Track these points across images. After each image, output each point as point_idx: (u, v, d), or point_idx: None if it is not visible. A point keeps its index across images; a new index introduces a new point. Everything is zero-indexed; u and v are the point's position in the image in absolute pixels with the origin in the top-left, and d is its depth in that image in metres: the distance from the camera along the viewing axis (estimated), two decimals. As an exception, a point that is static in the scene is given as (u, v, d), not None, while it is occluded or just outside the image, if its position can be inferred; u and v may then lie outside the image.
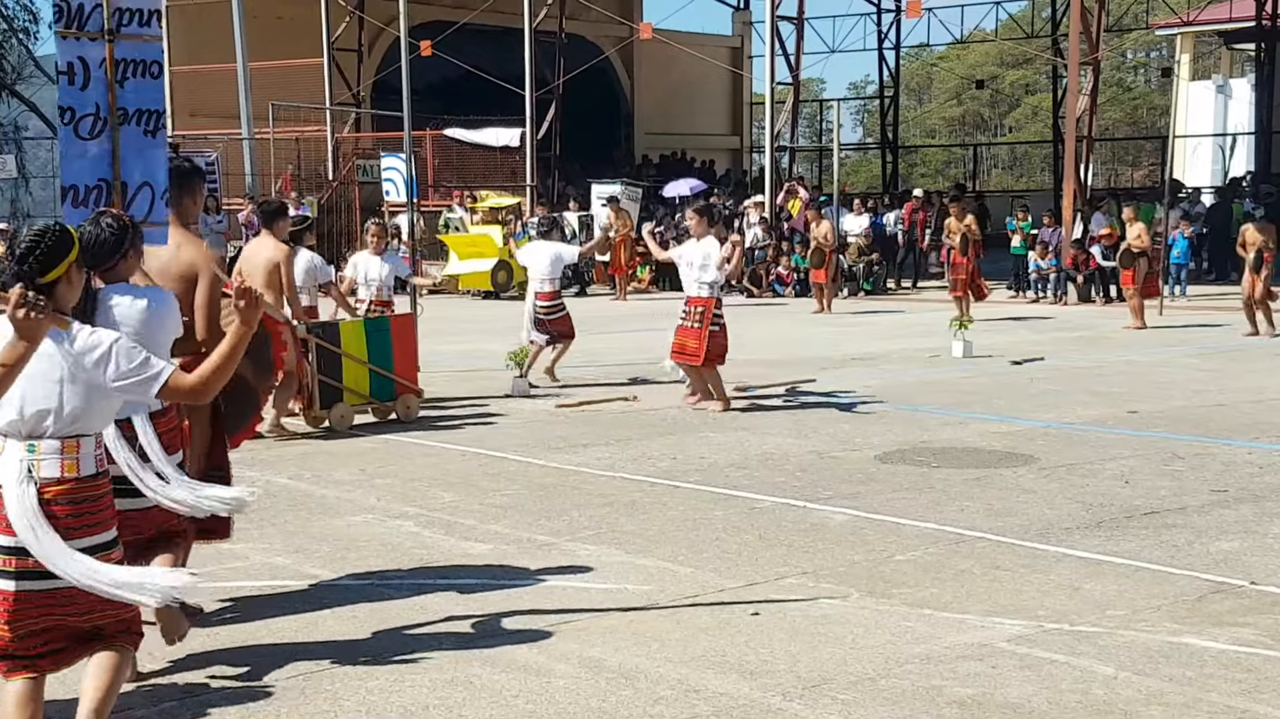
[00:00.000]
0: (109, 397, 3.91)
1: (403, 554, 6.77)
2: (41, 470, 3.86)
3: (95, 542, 3.94)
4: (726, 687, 4.93)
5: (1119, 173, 52.31)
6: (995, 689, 4.88)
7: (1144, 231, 17.90)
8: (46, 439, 3.86)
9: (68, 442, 3.88)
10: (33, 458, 3.86)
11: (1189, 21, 34.84)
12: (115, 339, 3.87)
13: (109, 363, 3.82)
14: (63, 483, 3.87)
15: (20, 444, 3.87)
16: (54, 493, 3.86)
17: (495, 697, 4.85)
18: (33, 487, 3.84)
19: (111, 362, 3.82)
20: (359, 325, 10.70)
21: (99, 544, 3.96)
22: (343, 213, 26.51)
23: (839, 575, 6.32)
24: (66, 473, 3.88)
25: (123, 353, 3.83)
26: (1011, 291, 22.95)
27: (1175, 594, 6.00)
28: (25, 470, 3.84)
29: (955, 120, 65.29)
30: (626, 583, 6.22)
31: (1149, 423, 10.38)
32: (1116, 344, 15.76)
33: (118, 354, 3.82)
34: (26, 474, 3.84)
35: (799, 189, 25.41)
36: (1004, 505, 7.69)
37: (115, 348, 3.83)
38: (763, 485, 8.24)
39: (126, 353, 3.84)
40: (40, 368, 3.79)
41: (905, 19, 36.48)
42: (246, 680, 5.03)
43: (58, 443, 3.87)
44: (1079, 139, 23.37)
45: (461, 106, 28.37)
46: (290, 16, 29.76)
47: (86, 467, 3.93)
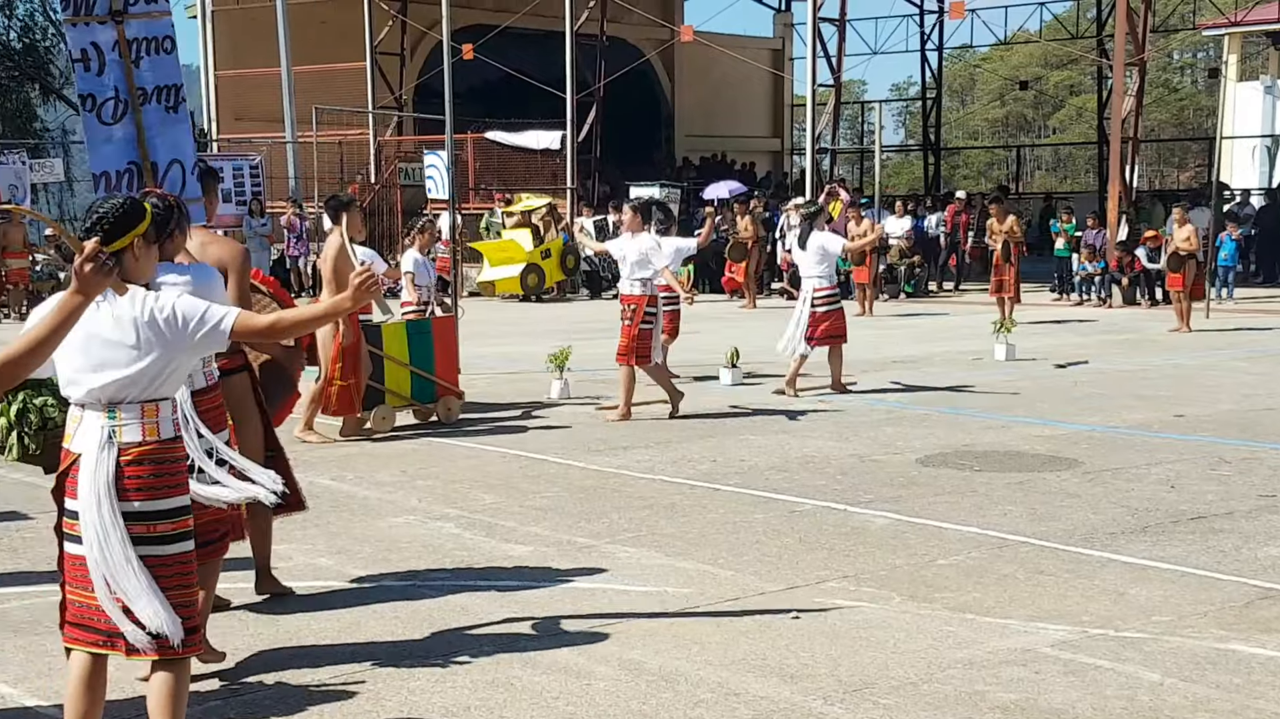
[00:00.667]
0: (186, 353, 4.00)
1: (444, 555, 6.79)
2: (123, 435, 3.93)
3: (175, 504, 4.00)
4: (767, 690, 4.92)
5: (1164, 174, 51.81)
6: (1039, 695, 4.84)
7: (1193, 234, 17.72)
8: (127, 404, 3.94)
9: (147, 406, 3.96)
10: (114, 423, 3.93)
11: (1236, 22, 34.45)
12: (178, 296, 4.01)
13: (180, 318, 3.93)
14: (144, 445, 3.94)
15: (100, 413, 3.94)
16: (136, 453, 3.93)
17: (536, 698, 4.85)
18: (114, 451, 3.90)
19: (181, 316, 3.93)
20: (401, 328, 10.74)
21: (177, 507, 4.01)
22: (385, 215, 26.64)
23: (880, 579, 6.29)
24: (148, 436, 3.96)
25: (188, 306, 3.96)
26: (1055, 294, 22.77)
27: (1222, 600, 5.93)
28: (106, 436, 3.91)
29: (998, 122, 64.89)
30: (666, 585, 6.21)
31: (1195, 427, 10.27)
32: (1162, 347, 15.60)
33: (185, 310, 3.95)
34: (108, 439, 3.91)
35: (840, 191, 25.31)
36: (1047, 510, 7.62)
37: (178, 304, 3.96)
38: (803, 488, 8.21)
39: (191, 305, 3.97)
40: (117, 335, 3.89)
41: (948, 20, 36.29)
42: (289, 680, 5.06)
43: (138, 407, 3.95)
44: (1124, 140, 23.17)
45: (503, 109, 28.46)
46: (334, 21, 29.94)
47: (166, 430, 4.01)
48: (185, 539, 4.04)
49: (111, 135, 5.77)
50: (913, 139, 54.87)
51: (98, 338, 3.89)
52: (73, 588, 4.00)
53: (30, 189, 24.62)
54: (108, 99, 5.74)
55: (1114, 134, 23.71)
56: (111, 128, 5.77)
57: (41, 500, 7.77)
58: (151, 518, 3.95)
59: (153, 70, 5.79)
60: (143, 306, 3.91)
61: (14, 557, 6.79)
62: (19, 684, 5.00)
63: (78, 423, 3.98)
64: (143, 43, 5.75)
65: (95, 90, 5.72)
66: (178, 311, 3.93)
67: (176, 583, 3.98)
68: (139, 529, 3.92)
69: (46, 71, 38.66)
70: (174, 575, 3.98)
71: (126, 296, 3.90)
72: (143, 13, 5.77)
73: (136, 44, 5.72)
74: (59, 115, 40.06)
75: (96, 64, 5.71)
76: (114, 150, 5.77)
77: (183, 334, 3.93)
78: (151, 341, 3.90)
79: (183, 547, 4.02)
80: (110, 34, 5.72)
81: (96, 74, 5.71)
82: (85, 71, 5.73)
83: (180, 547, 4.01)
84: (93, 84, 5.72)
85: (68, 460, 4.00)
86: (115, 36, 5.72)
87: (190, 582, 4.04)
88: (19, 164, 23.51)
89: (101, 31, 5.71)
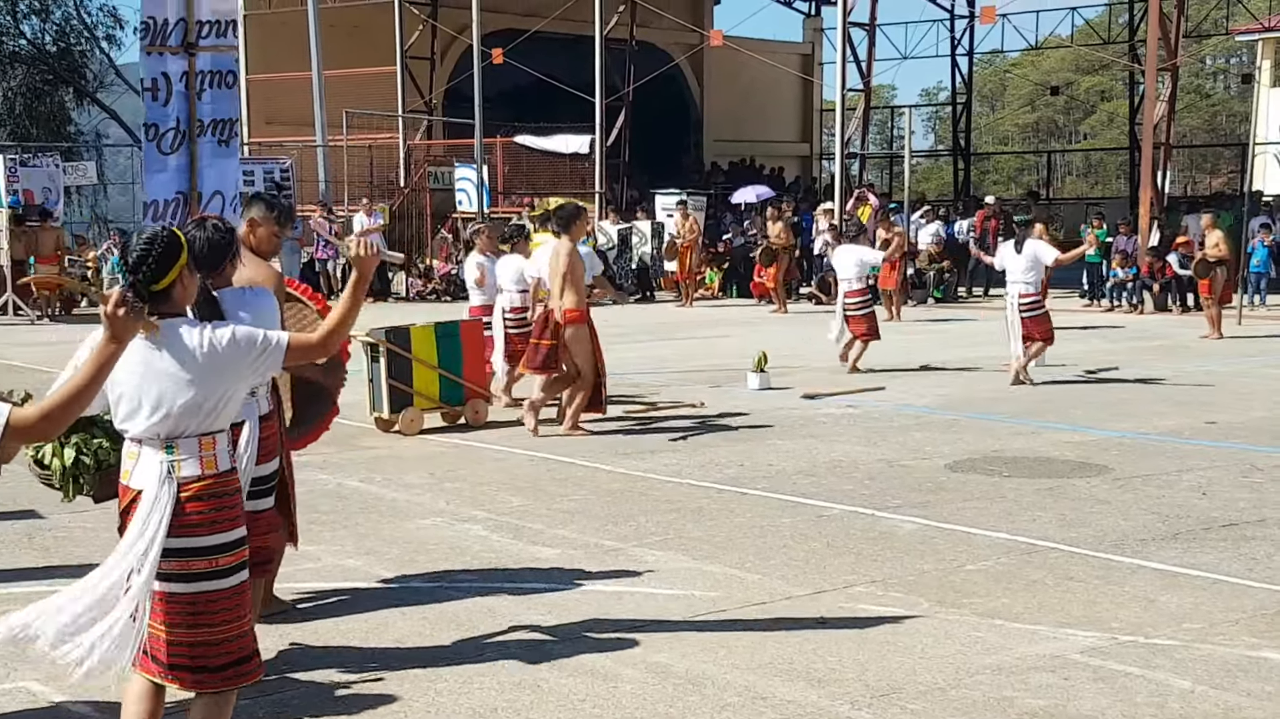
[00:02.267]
0: (244, 379, 4.03)
1: (471, 557, 6.81)
2: (182, 470, 3.94)
3: (230, 538, 4.01)
4: (794, 694, 4.90)
5: (1197, 180, 51.49)
6: (1068, 701, 4.82)
7: (1222, 240, 17.61)
8: (184, 439, 3.95)
9: (204, 439, 3.97)
10: (173, 459, 3.94)
11: (1270, 27, 34.20)
12: (235, 326, 4.03)
13: (239, 346, 3.95)
14: (203, 479, 3.96)
15: (158, 448, 3.95)
16: (194, 489, 3.94)
17: (562, 700, 4.85)
18: (174, 486, 3.92)
19: (242, 346, 3.96)
20: (429, 330, 10.77)
21: (233, 541, 4.02)
22: (414, 219, 26.74)
23: (908, 584, 6.26)
24: (206, 470, 3.97)
25: (244, 334, 3.99)
26: (1086, 300, 22.65)
27: (1254, 607, 5.89)
28: (166, 472, 3.92)
29: (1029, 127, 64.65)
30: (693, 589, 6.21)
31: (1227, 433, 10.19)
32: (1194, 354, 15.49)
33: (241, 337, 3.97)
34: (167, 474, 3.92)
35: (869, 196, 25.26)
36: (1077, 516, 7.58)
37: (237, 331, 3.98)
38: (831, 493, 8.20)
39: (247, 333, 4.00)
40: (173, 370, 3.89)
41: (979, 25, 36.15)
42: (317, 680, 5.08)
43: (195, 441, 3.96)
44: (1156, 146, 23.02)
45: (532, 114, 28.52)
46: (364, 25, 30.07)
47: (223, 462, 4.03)
48: (242, 569, 4.06)
49: (166, 165, 5.88)
50: (942, 144, 54.71)
51: (154, 371, 3.89)
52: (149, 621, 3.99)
53: (64, 191, 24.82)
54: (169, 129, 5.85)
55: (1146, 139, 23.56)
56: (168, 158, 5.88)
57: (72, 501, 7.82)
58: (215, 552, 3.96)
59: (213, 103, 5.90)
60: (200, 338, 3.92)
61: (45, 555, 6.85)
62: (50, 682, 5.04)
63: (135, 459, 3.99)
64: (208, 75, 5.86)
65: (159, 120, 5.83)
66: (237, 337, 3.95)
67: (234, 615, 4.00)
68: (202, 564, 3.94)
69: (80, 75, 38.95)
70: (232, 608, 3.99)
71: (183, 329, 3.91)
72: (212, 46, 5.87)
73: (202, 76, 5.83)
74: (92, 119, 40.35)
75: (164, 94, 5.81)
76: (166, 180, 5.88)
77: (242, 360, 3.96)
78: (211, 371, 3.91)
79: (240, 577, 4.04)
80: (181, 65, 5.82)
81: (163, 104, 5.82)
82: (153, 101, 5.83)
83: (238, 578, 4.03)
84: (158, 114, 5.82)
85: (127, 497, 4.01)
86: (185, 68, 5.82)
87: (243, 613, 4.05)
88: (52, 167, 23.70)
89: (173, 62, 5.82)
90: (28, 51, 37.98)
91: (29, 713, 4.82)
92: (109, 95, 39.67)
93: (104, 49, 39.73)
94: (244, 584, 4.06)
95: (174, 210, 5.87)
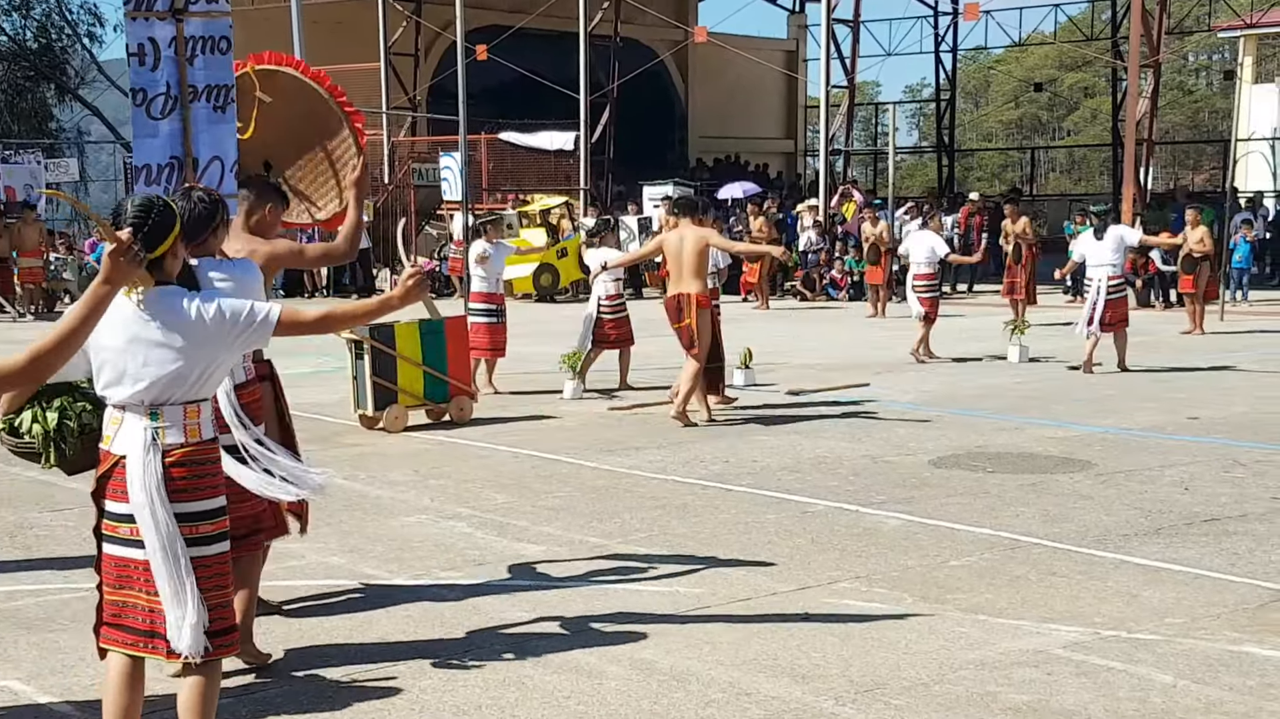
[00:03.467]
0: (230, 350, 4.02)
1: (456, 555, 6.80)
2: (166, 437, 3.94)
3: (211, 505, 4.01)
4: (778, 690, 4.91)
5: (1179, 176, 51.66)
6: (1051, 696, 4.83)
7: (1206, 236, 17.68)
8: (169, 406, 3.95)
9: (189, 407, 3.97)
10: (157, 425, 3.94)
11: (1252, 24, 34.33)
12: (222, 295, 4.06)
13: (226, 318, 3.94)
14: (185, 447, 3.96)
15: (142, 415, 3.94)
16: (177, 456, 3.94)
17: (547, 697, 4.85)
18: (159, 453, 3.92)
19: (228, 316, 3.94)
20: (413, 327, 10.76)
21: (218, 508, 4.04)
22: (398, 216, 26.68)
23: (892, 580, 6.28)
24: (190, 438, 3.97)
25: (232, 306, 3.97)
26: (1069, 296, 22.72)
27: (1235, 602, 5.91)
28: (150, 438, 3.92)
29: (1013, 123, 64.78)
30: (678, 586, 6.21)
31: (1209, 429, 10.24)
32: (1176, 349, 15.55)
33: (229, 309, 3.96)
34: (151, 442, 3.92)
35: (853, 192, 25.30)
36: (1060, 511, 7.61)
37: (223, 303, 3.97)
38: (815, 489, 8.21)
39: (235, 305, 3.99)
40: (160, 338, 3.89)
41: (962, 21, 36.23)
42: (300, 678, 5.07)
43: (180, 409, 3.96)
44: (1139, 142, 23.12)
45: (516, 110, 28.49)
46: (348, 21, 30.01)
47: (206, 431, 4.03)
48: (224, 539, 4.06)
49: (158, 130, 5.82)
50: (927, 141, 54.80)
51: (141, 340, 3.89)
52: (111, 589, 4.02)
53: (45, 189, 24.72)
54: (158, 94, 5.79)
55: (1128, 136, 23.65)
56: (158, 123, 5.82)
57: (53, 499, 7.81)
58: (196, 519, 3.97)
59: (206, 69, 5.85)
60: (188, 308, 3.92)
61: (27, 553, 6.82)
62: (32, 681, 5.02)
63: (118, 425, 3.98)
64: (200, 41, 5.81)
65: (147, 85, 5.77)
66: (224, 308, 3.94)
67: (215, 583, 4.00)
68: (185, 530, 3.94)
69: (62, 71, 38.78)
70: (214, 576, 4.00)
71: (171, 298, 3.91)
72: (203, 11, 5.83)
73: (193, 42, 5.78)
74: (74, 115, 40.21)
75: (152, 59, 5.76)
76: (158, 145, 5.82)
77: (229, 331, 3.95)
78: (197, 340, 3.91)
79: (222, 547, 4.04)
80: (169, 30, 5.77)
81: (150, 69, 5.77)
82: (140, 66, 5.77)
83: (220, 547, 4.03)
84: (145, 79, 5.77)
85: (108, 463, 4.00)
86: (174, 33, 5.77)
87: (226, 582, 4.06)
88: (34, 163, 23.62)
89: (160, 27, 5.76)
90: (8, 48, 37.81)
91: (10, 711, 4.79)
92: (91, 92, 39.52)
93: (86, 45, 39.57)
94: (225, 554, 4.06)
95: (169, 175, 5.82)
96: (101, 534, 4.03)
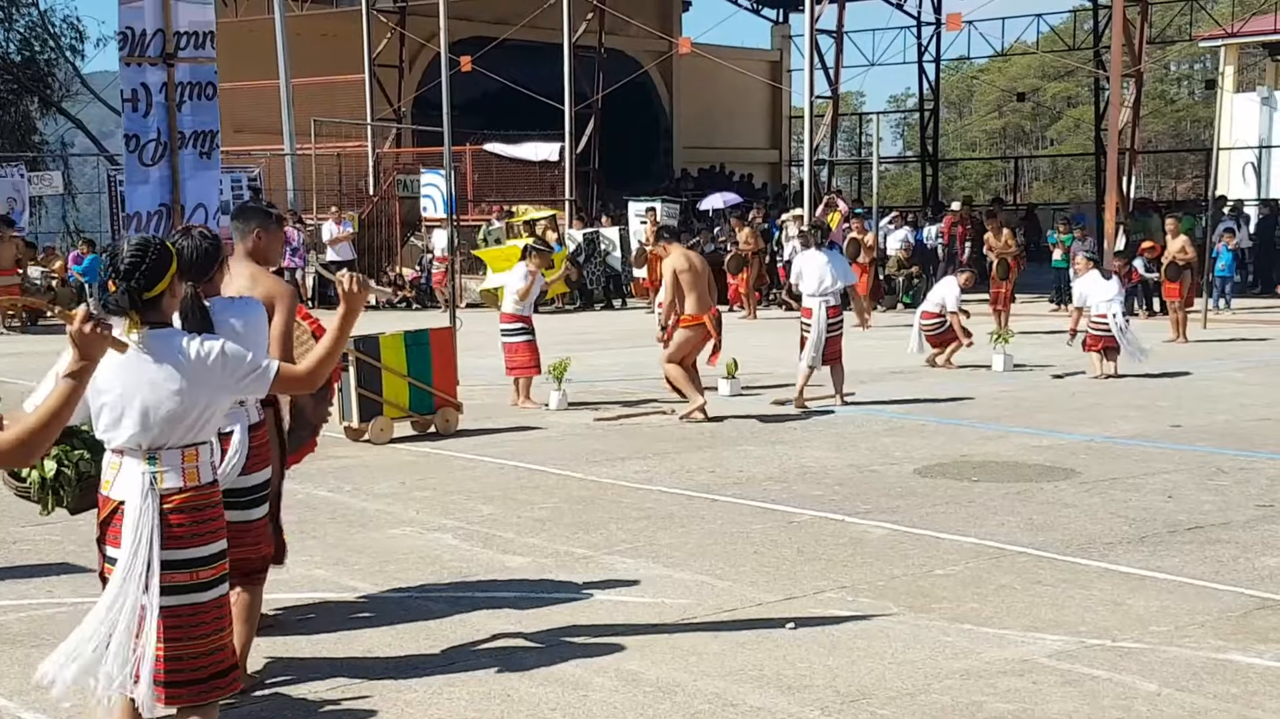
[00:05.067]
0: (227, 396, 4.00)
1: (441, 567, 6.79)
2: (164, 482, 3.91)
3: (210, 550, 3.98)
4: (764, 701, 4.91)
5: (1162, 185, 51.90)
6: (1036, 705, 4.84)
7: (1188, 243, 17.77)
8: (168, 450, 3.92)
9: (187, 451, 3.95)
10: (155, 470, 3.91)
11: (1233, 33, 34.51)
12: (224, 342, 3.99)
13: (226, 363, 3.92)
14: (184, 491, 3.93)
15: (140, 459, 3.92)
16: (176, 502, 3.92)
17: (533, 709, 4.85)
18: (156, 498, 3.89)
19: (230, 362, 3.93)
20: (399, 338, 10.75)
21: (218, 552, 4.00)
22: (383, 227, 26.66)
23: (878, 590, 6.29)
24: (188, 482, 3.94)
25: (234, 353, 3.95)
26: (1054, 305, 22.78)
27: (1220, 610, 5.93)
28: (148, 483, 3.90)
29: (996, 133, 64.98)
30: (664, 596, 6.21)
31: (1193, 437, 10.28)
32: (1159, 358, 15.60)
33: (231, 355, 3.94)
34: (150, 487, 3.89)
35: (838, 202, 25.34)
36: (1045, 520, 7.62)
37: (226, 348, 3.95)
38: (801, 499, 8.22)
39: (236, 352, 3.96)
40: (158, 381, 3.86)
41: (945, 32, 36.35)
42: (284, 692, 5.06)
43: (178, 453, 3.93)
44: (1121, 151, 23.20)
45: (501, 121, 28.48)
46: (333, 33, 29.99)
47: (205, 474, 4.00)
48: (224, 583, 4.04)
49: (148, 177, 5.87)
50: (911, 150, 54.96)
51: (139, 383, 3.86)
52: None
53: (29, 202, 24.64)
54: (150, 140, 5.84)
55: (1111, 145, 23.73)
56: (150, 169, 5.87)
57: (37, 513, 7.76)
58: (196, 565, 3.94)
59: (193, 115, 5.91)
60: (187, 349, 3.89)
61: (11, 570, 6.78)
62: (15, 697, 5.00)
63: (116, 469, 3.96)
64: (188, 87, 5.86)
65: (140, 131, 5.82)
66: (226, 354, 3.92)
67: (214, 628, 3.98)
68: (183, 577, 3.91)
69: (45, 84, 38.68)
70: (212, 620, 3.98)
71: (170, 339, 3.88)
72: (190, 57, 5.87)
73: (182, 88, 5.83)
74: (58, 128, 40.09)
75: (144, 105, 5.81)
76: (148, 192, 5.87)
77: (228, 377, 3.93)
78: (197, 383, 3.88)
79: (220, 591, 4.02)
80: (160, 76, 5.82)
81: (143, 115, 5.83)
82: (133, 112, 5.83)
83: (218, 591, 4.01)
84: (138, 125, 5.82)
85: (108, 508, 3.98)
86: (164, 79, 5.81)
87: (224, 625, 4.03)
88: (17, 177, 23.52)
89: (152, 73, 5.82)
90: (-9, 61, 37.72)
91: (-6, 728, 4.77)
92: (74, 105, 39.43)
93: (69, 58, 39.49)
94: (224, 598, 4.04)
95: (157, 222, 5.87)
96: (105, 579, 3.99)
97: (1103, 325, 13.87)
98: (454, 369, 11.06)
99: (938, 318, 14.91)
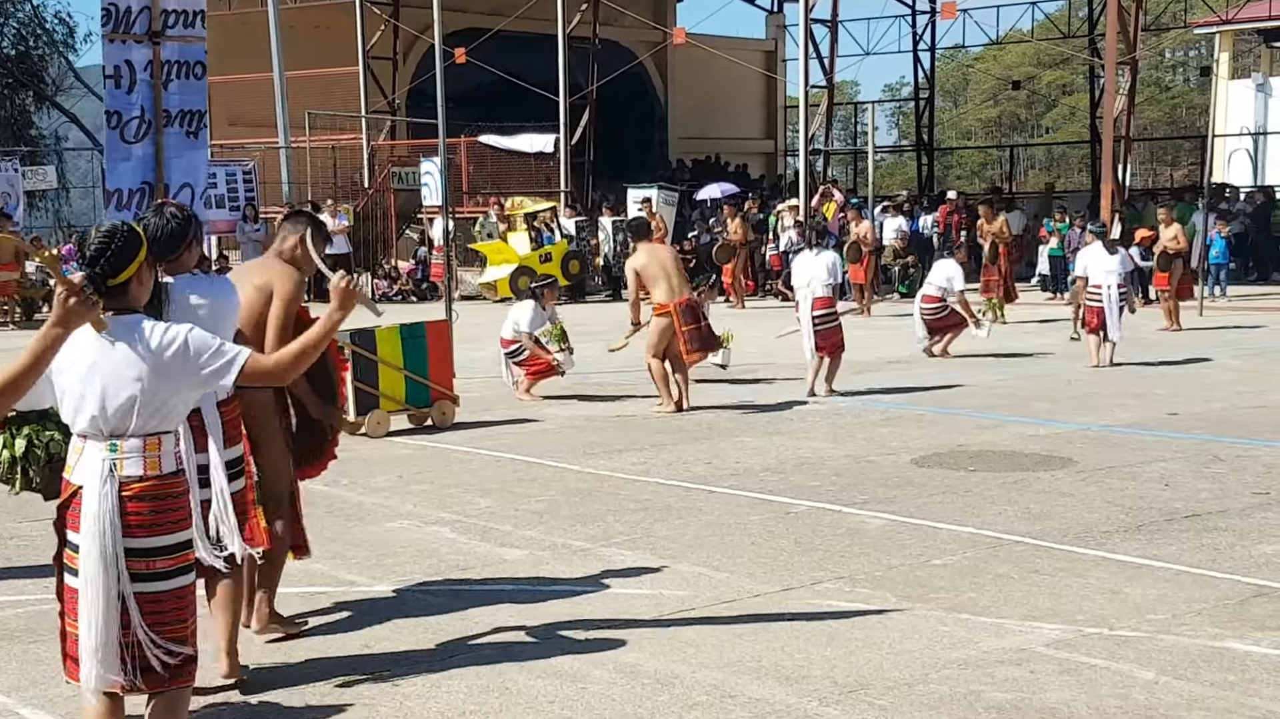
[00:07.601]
0: (191, 386, 3.95)
1: (438, 560, 6.79)
2: (124, 469, 3.88)
3: (170, 540, 3.94)
4: (762, 692, 4.92)
5: (1158, 173, 51.88)
6: (1034, 694, 4.85)
7: (1180, 233, 17.77)
8: (129, 438, 3.89)
9: (149, 439, 3.91)
10: (115, 457, 3.88)
11: (1228, 20, 34.49)
12: (189, 329, 3.93)
13: (189, 353, 3.87)
14: (144, 480, 3.89)
15: (101, 444, 3.89)
16: (136, 489, 3.88)
17: (531, 702, 4.85)
18: (115, 485, 3.86)
19: (191, 351, 3.87)
20: (394, 331, 10.73)
21: (179, 543, 3.97)
22: (378, 220, 26.62)
23: (875, 580, 6.29)
24: (149, 470, 3.90)
25: (198, 341, 3.90)
26: (1049, 293, 22.79)
27: (1217, 598, 5.94)
28: (108, 469, 3.86)
29: (991, 121, 64.95)
30: (662, 588, 6.21)
31: (1189, 425, 10.29)
32: (1155, 346, 15.61)
33: (194, 344, 3.88)
34: (109, 473, 3.86)
35: (833, 192, 25.33)
36: (1042, 509, 7.63)
37: (190, 338, 3.89)
38: (798, 490, 8.22)
39: (201, 340, 3.91)
40: (119, 367, 3.83)
41: (940, 20, 36.29)
42: (282, 686, 5.06)
43: (140, 441, 3.89)
44: (1116, 139, 23.20)
45: (496, 113, 28.43)
46: (326, 25, 29.89)
47: (167, 464, 3.95)
48: (185, 573, 3.99)
49: (130, 154, 5.83)
50: (906, 140, 54.86)
51: (101, 367, 3.83)
52: (73, 621, 3.94)
53: (24, 196, 24.56)
54: (132, 118, 5.81)
55: (1106, 133, 23.74)
56: (132, 147, 5.83)
57: (32, 508, 7.76)
58: (151, 554, 3.90)
59: (180, 94, 5.87)
60: (150, 336, 3.85)
61: (7, 563, 6.78)
62: (14, 693, 5.00)
63: (79, 454, 3.93)
64: (175, 65, 5.83)
65: (122, 108, 5.78)
66: (190, 344, 3.87)
67: (174, 617, 3.94)
68: (138, 565, 3.88)
69: (40, 79, 38.59)
70: (171, 611, 3.93)
71: (135, 326, 3.85)
72: (179, 36, 5.84)
73: (169, 66, 5.79)
74: (52, 122, 40.00)
75: (127, 82, 5.78)
76: (130, 169, 5.83)
77: (191, 368, 3.88)
78: (157, 372, 3.84)
79: (181, 581, 3.97)
80: (146, 54, 5.78)
81: (126, 92, 5.78)
82: (115, 88, 5.79)
83: (179, 581, 3.96)
84: (121, 102, 5.78)
85: (68, 492, 3.95)
86: (150, 57, 5.78)
87: (185, 616, 3.98)
88: (11, 171, 23.45)
89: (137, 50, 5.78)
90: (-15, 55, 37.63)
91: (-8, 725, 4.77)
92: (68, 99, 39.33)
93: (63, 52, 39.39)
94: (186, 588, 3.99)
95: (139, 200, 5.83)
96: (63, 564, 3.96)
97: (1097, 295, 13.77)
98: (450, 362, 11.05)
99: (938, 301, 14.86)
